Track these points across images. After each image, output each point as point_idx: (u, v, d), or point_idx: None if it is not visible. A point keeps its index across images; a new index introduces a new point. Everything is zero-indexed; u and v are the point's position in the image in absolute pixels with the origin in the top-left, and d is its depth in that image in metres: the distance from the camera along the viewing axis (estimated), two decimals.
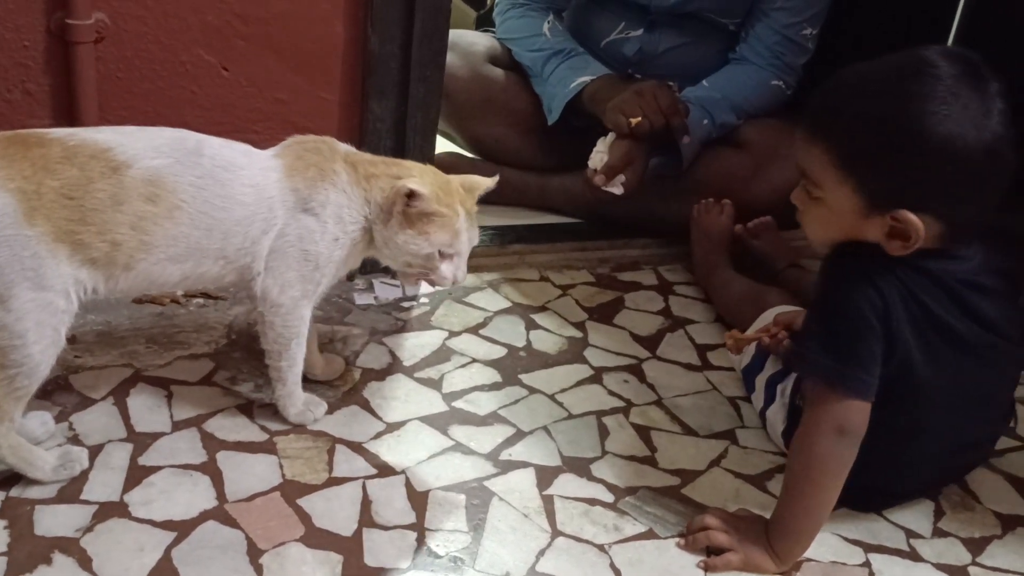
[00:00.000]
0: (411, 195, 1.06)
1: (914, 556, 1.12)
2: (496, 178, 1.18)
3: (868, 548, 1.12)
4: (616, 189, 1.58)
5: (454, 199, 1.11)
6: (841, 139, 1.00)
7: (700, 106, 1.65)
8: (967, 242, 1.04)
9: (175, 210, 1.03)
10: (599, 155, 1.59)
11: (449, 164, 1.77)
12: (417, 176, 1.10)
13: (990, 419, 1.17)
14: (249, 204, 1.07)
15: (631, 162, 1.58)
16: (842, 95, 1.02)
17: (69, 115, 1.27)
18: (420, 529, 1.05)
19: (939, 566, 1.10)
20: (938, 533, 1.16)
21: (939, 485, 1.21)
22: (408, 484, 1.11)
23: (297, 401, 1.17)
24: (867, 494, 1.13)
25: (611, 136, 1.61)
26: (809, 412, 1.04)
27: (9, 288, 0.95)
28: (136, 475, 1.06)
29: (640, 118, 1.55)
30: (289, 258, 1.10)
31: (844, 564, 1.09)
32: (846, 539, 1.12)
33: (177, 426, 1.15)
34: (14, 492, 1.02)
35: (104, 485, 1.04)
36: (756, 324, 1.36)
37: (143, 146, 1.02)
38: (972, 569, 1.10)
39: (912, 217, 0.97)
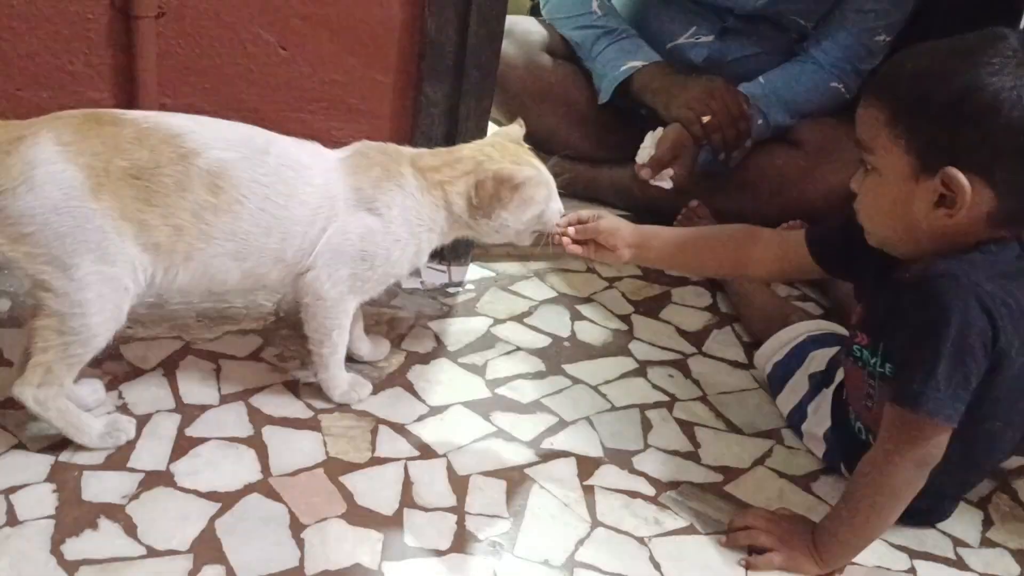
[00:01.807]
0: (517, 186, 1.11)
1: (960, 565, 1.09)
2: (520, 122, 1.24)
3: (914, 555, 1.10)
4: (665, 183, 1.57)
5: (522, 156, 1.15)
6: (895, 95, 0.97)
7: (756, 105, 1.62)
8: (1018, 226, 0.99)
9: (235, 204, 1.04)
10: (646, 150, 1.58)
11: None
12: (492, 160, 1.13)
13: None
14: (311, 204, 1.08)
15: (678, 156, 1.56)
16: (903, 59, 1.01)
17: (129, 89, 1.28)
18: (460, 512, 1.05)
19: None
20: (986, 543, 1.13)
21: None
22: (449, 467, 1.11)
23: (341, 383, 1.18)
24: (950, 500, 1.13)
25: (659, 131, 1.59)
26: (892, 438, 0.98)
27: (72, 257, 0.97)
28: (183, 445, 1.08)
29: (710, 117, 1.54)
30: (345, 255, 1.11)
31: (889, 570, 1.07)
32: (892, 544, 1.10)
33: (224, 399, 1.16)
34: (63, 457, 1.04)
35: (151, 454, 1.06)
36: (777, 339, 1.33)
37: (214, 137, 1.04)
38: None
39: (960, 177, 0.93)
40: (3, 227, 0.96)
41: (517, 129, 1.23)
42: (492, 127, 1.62)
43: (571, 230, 1.18)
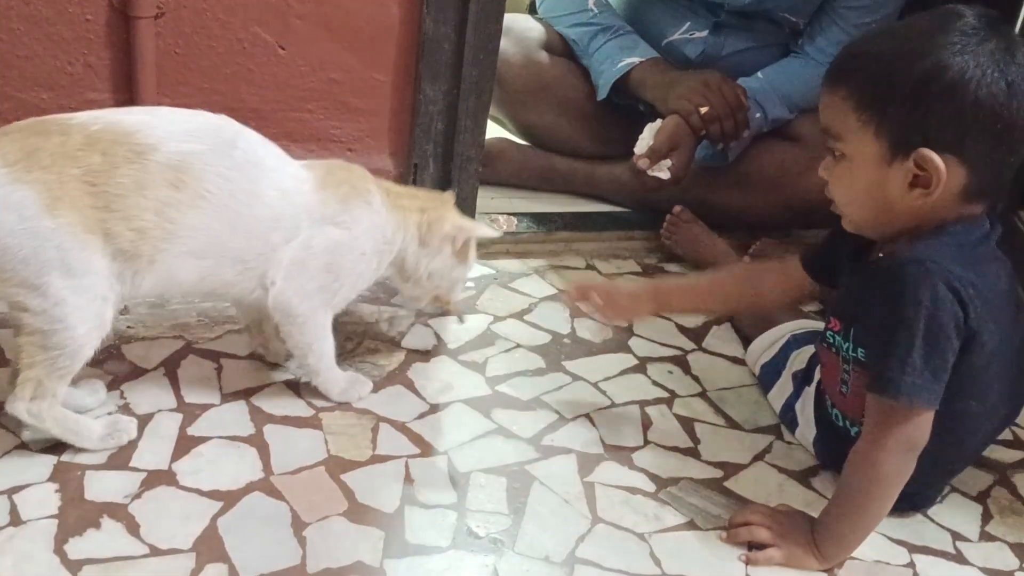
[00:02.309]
0: (469, 239, 1.20)
1: (960, 559, 1.10)
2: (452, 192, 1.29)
3: (913, 549, 1.10)
4: (662, 174, 1.57)
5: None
6: (860, 80, 0.98)
7: (753, 99, 1.62)
8: (990, 200, 1.00)
9: (199, 199, 1.00)
10: (645, 141, 1.58)
11: (499, 150, 1.78)
12: (447, 210, 1.21)
13: None
14: (274, 207, 1.06)
15: (676, 147, 1.56)
16: (863, 42, 1.02)
17: (128, 89, 1.29)
18: (461, 509, 1.05)
19: (985, 570, 1.09)
20: (985, 537, 1.13)
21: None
22: (450, 464, 1.12)
23: (338, 382, 1.18)
24: (934, 486, 1.13)
25: (658, 122, 1.59)
26: (876, 427, 0.99)
27: (40, 277, 0.95)
28: (185, 445, 1.08)
29: (708, 108, 1.54)
30: (311, 269, 1.10)
31: (888, 564, 1.07)
32: (891, 539, 1.11)
33: (226, 398, 1.16)
34: (65, 457, 1.04)
35: (153, 453, 1.06)
36: (767, 337, 1.34)
37: (173, 129, 1.00)
38: (1020, 575, 1.08)
39: (935, 157, 0.94)
40: None
41: (450, 196, 1.26)
42: (491, 125, 1.63)
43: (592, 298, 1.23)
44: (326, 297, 1.12)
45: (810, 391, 1.21)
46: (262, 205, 1.05)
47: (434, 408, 1.21)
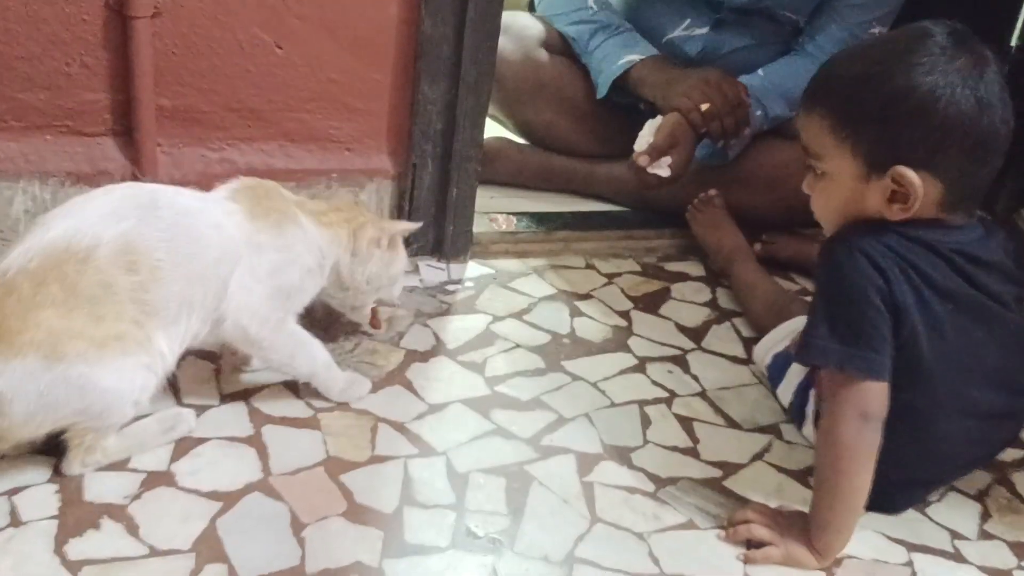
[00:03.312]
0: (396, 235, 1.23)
1: (958, 557, 1.10)
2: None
3: (911, 547, 1.10)
4: (662, 171, 1.56)
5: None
6: (835, 101, 1.02)
7: (754, 97, 1.62)
8: (968, 211, 1.04)
9: (155, 271, 0.99)
10: (645, 138, 1.58)
11: (498, 149, 1.78)
12: (366, 217, 1.23)
13: (1012, 390, 1.12)
14: (215, 245, 1.06)
15: (677, 144, 1.56)
16: (837, 63, 1.06)
17: (125, 90, 1.28)
18: (460, 510, 1.05)
19: (984, 568, 1.09)
20: (984, 535, 1.14)
21: (971, 466, 1.19)
22: (449, 465, 1.12)
23: (337, 381, 1.18)
24: (900, 488, 1.12)
25: (658, 119, 1.59)
26: (829, 402, 1.03)
27: (79, 405, 0.97)
28: (184, 446, 1.08)
29: (708, 105, 1.54)
30: (260, 295, 1.10)
31: (886, 563, 1.07)
32: (889, 537, 1.11)
33: (225, 399, 1.16)
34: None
35: (152, 454, 1.06)
36: (778, 332, 1.34)
37: (97, 219, 0.99)
38: (1017, 573, 1.09)
39: (910, 174, 0.98)
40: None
41: (363, 203, 1.30)
42: (490, 125, 1.63)
43: None
44: (280, 315, 1.13)
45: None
46: (205, 248, 1.05)
47: (433, 408, 1.21)
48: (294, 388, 1.20)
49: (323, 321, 1.31)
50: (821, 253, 1.05)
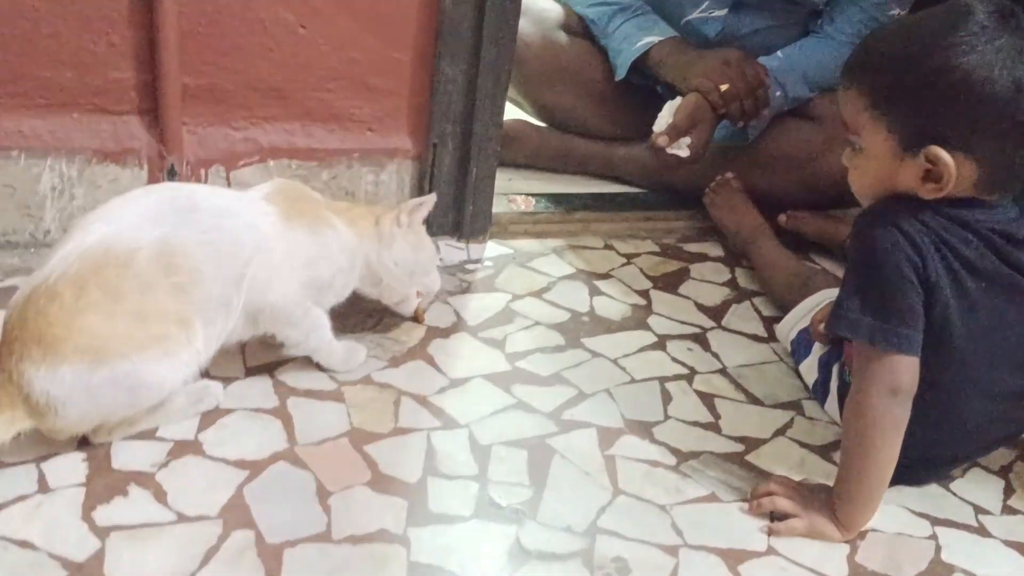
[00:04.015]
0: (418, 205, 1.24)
1: (982, 532, 1.10)
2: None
3: (935, 522, 1.10)
4: (681, 152, 1.56)
5: None
6: (872, 79, 1.01)
7: (774, 78, 1.62)
8: (1005, 191, 1.03)
9: (195, 273, 1.01)
10: (664, 119, 1.58)
11: (517, 131, 1.78)
12: (390, 208, 1.24)
13: None
14: (250, 244, 1.07)
15: (696, 125, 1.56)
16: (876, 40, 1.05)
17: (151, 68, 1.30)
18: (483, 481, 1.06)
19: (1008, 543, 1.08)
20: (1007, 510, 1.13)
21: (996, 445, 1.18)
22: (471, 437, 1.12)
23: (338, 352, 1.19)
24: (924, 464, 1.12)
25: (678, 100, 1.59)
26: (858, 375, 1.02)
27: (131, 396, 0.99)
28: (210, 416, 1.09)
29: (728, 85, 1.54)
30: (292, 282, 1.11)
31: (910, 536, 1.07)
32: (912, 511, 1.11)
33: (250, 372, 1.17)
34: None
35: (179, 424, 1.07)
36: (801, 308, 1.34)
37: (136, 221, 1.00)
38: None
39: (944, 154, 0.97)
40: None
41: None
42: (509, 107, 1.63)
43: None
44: (309, 303, 1.14)
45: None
46: (242, 249, 1.06)
47: (455, 383, 1.22)
48: (318, 362, 1.20)
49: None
50: (855, 226, 1.04)
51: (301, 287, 1.12)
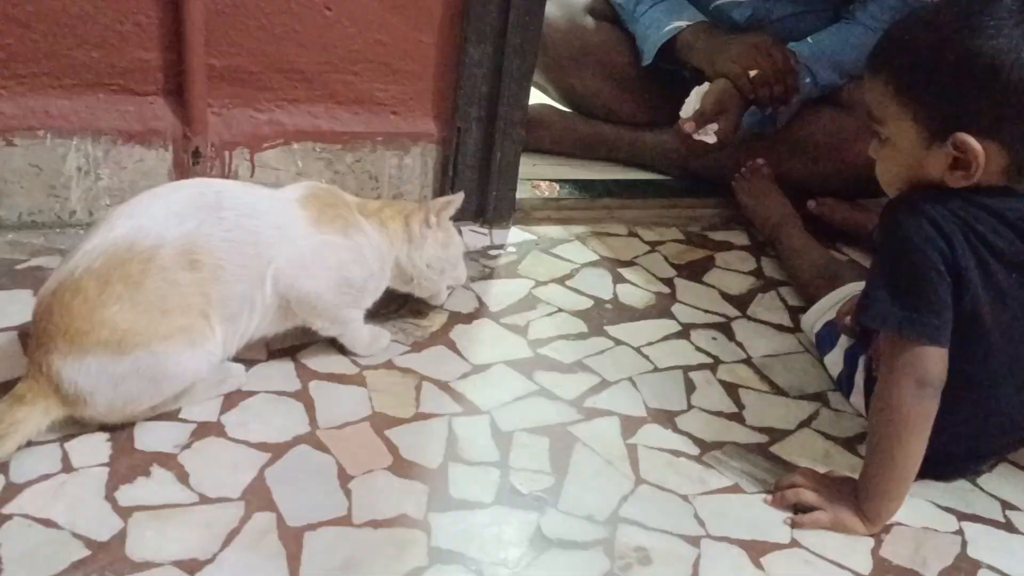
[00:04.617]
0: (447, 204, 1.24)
1: (1009, 527, 1.08)
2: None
3: (961, 516, 1.08)
4: (708, 138, 1.54)
5: None
6: (898, 67, 0.99)
7: (804, 64, 1.60)
8: None
9: (218, 270, 1.01)
10: (691, 104, 1.56)
11: (542, 117, 1.77)
12: (418, 206, 1.24)
13: None
14: (275, 243, 1.07)
15: (724, 111, 1.54)
16: (900, 27, 1.03)
17: (176, 49, 1.29)
18: (504, 467, 1.05)
19: None
20: None
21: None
22: (493, 424, 1.12)
23: (364, 336, 1.19)
24: (951, 457, 1.10)
25: (706, 85, 1.57)
26: (886, 366, 1.01)
27: (155, 387, 1.00)
28: (233, 399, 1.09)
29: (757, 72, 1.52)
30: (324, 282, 1.11)
31: (936, 531, 1.06)
32: (939, 506, 1.09)
33: (272, 355, 1.17)
34: None
35: (202, 406, 1.07)
36: (827, 300, 1.32)
37: (162, 217, 1.00)
38: None
39: (972, 142, 0.95)
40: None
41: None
42: (534, 92, 1.62)
43: None
44: (343, 308, 1.15)
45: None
46: (266, 247, 1.06)
47: (477, 369, 1.21)
48: (339, 346, 1.20)
49: None
50: (883, 215, 1.03)
51: (334, 289, 1.12)
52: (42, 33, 1.24)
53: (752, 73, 1.53)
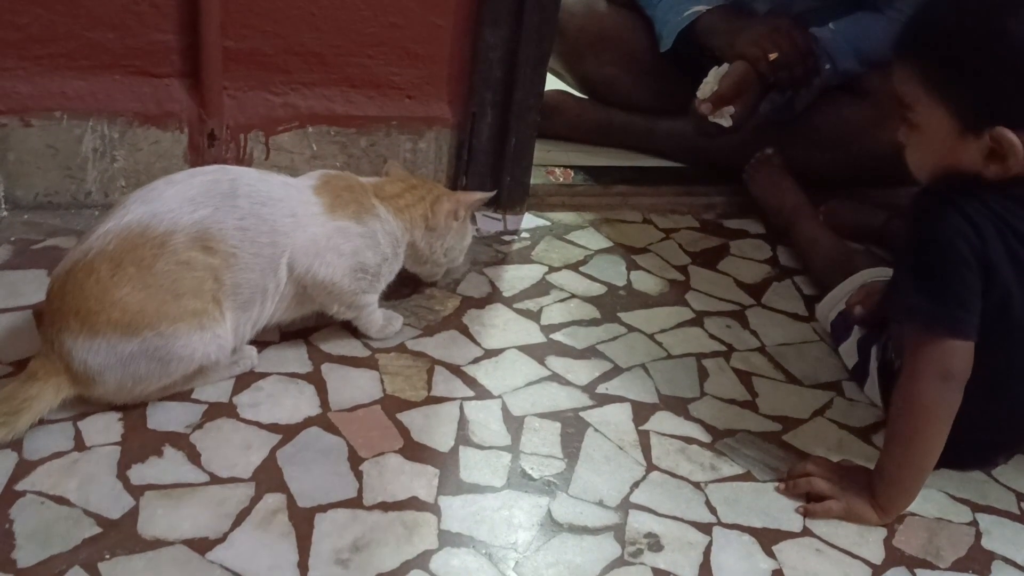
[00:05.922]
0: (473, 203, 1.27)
1: None
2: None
3: (976, 508, 1.07)
4: (724, 120, 1.52)
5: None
6: (927, 53, 0.97)
7: (823, 50, 1.58)
8: None
9: (231, 257, 1.02)
10: (709, 85, 1.54)
11: (557, 103, 1.76)
12: (439, 190, 1.25)
13: None
14: (290, 233, 1.07)
15: (741, 93, 1.52)
16: (927, 11, 1.00)
17: (193, 31, 1.29)
18: (515, 452, 1.05)
19: None
20: None
21: None
22: (504, 408, 1.11)
23: (378, 320, 1.19)
24: (973, 449, 1.09)
25: (724, 66, 1.55)
26: (910, 358, 0.99)
27: (164, 368, 1.00)
28: (245, 380, 1.09)
29: (777, 54, 1.50)
30: (340, 268, 1.11)
31: (950, 522, 1.05)
32: (953, 497, 1.08)
33: (285, 337, 1.17)
34: None
35: (214, 387, 1.07)
36: (841, 289, 1.31)
37: (177, 204, 1.00)
38: None
39: (1010, 135, 0.92)
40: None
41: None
42: (549, 78, 1.61)
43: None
44: (360, 294, 1.15)
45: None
46: (280, 236, 1.06)
47: (489, 353, 1.21)
48: (351, 329, 1.20)
49: None
50: (912, 206, 1.01)
51: (349, 275, 1.12)
52: (59, 14, 1.25)
53: (772, 56, 1.51)
